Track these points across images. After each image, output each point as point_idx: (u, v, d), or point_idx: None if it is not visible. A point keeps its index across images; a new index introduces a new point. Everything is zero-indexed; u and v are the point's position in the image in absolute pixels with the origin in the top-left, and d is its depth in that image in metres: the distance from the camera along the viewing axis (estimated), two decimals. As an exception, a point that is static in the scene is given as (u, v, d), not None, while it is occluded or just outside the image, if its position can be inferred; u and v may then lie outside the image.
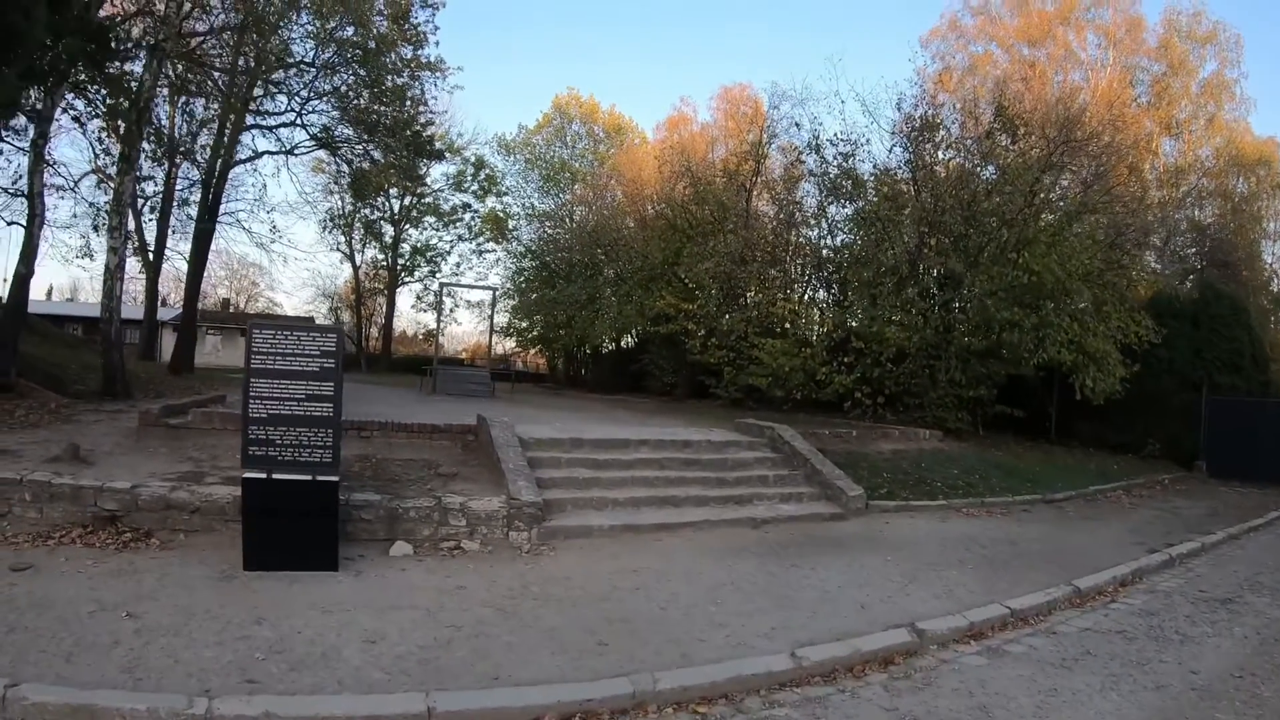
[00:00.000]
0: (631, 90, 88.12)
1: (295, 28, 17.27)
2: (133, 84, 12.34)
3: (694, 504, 9.08)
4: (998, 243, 16.06)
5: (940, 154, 18.12)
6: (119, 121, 12.45)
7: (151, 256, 23.05)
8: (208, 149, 20.07)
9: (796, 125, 20.61)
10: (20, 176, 14.24)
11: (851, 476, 10.58)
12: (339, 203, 38.53)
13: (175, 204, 22.14)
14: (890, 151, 18.90)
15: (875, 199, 18.16)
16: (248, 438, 6.15)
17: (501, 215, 41.22)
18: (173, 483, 7.18)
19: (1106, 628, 6.25)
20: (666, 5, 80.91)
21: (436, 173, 38.49)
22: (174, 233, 23.05)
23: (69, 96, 12.27)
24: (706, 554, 7.55)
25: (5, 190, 14.88)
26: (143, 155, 14.74)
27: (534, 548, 7.32)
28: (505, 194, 41.67)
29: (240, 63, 15.97)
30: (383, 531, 7.10)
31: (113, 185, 13.53)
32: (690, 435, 11.35)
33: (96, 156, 13.79)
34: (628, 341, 31.14)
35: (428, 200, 41.25)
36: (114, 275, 12.87)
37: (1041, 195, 16.83)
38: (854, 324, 17.76)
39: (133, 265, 24.61)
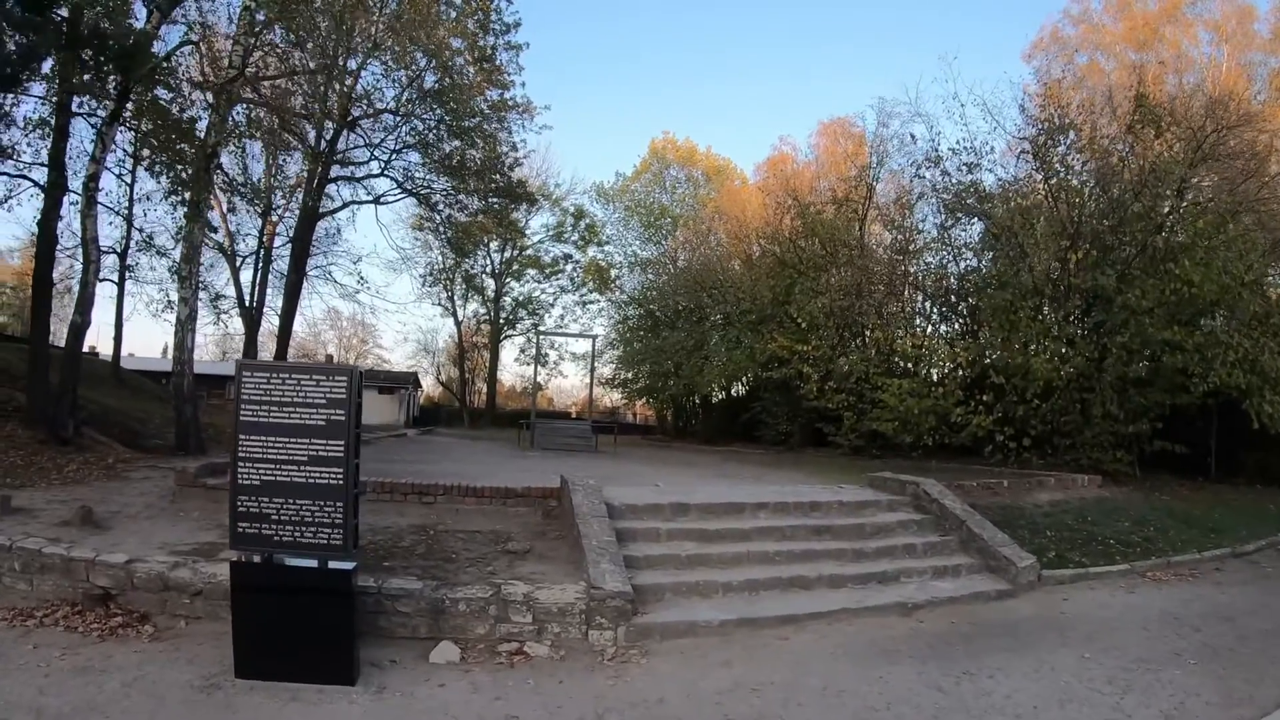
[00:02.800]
0: (729, 134, 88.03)
1: (374, 65, 16.85)
2: (198, 130, 11.80)
3: (827, 585, 7.17)
4: (1150, 251, 13.93)
5: (1073, 159, 16.03)
6: (188, 168, 11.80)
7: (250, 311, 22.95)
8: (294, 202, 19.82)
9: (912, 137, 19.24)
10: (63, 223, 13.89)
11: (1013, 538, 8.69)
12: (439, 258, 38.80)
13: (273, 258, 22.13)
14: (1018, 159, 17.10)
15: (1006, 212, 16.24)
16: (236, 510, 4.70)
17: (603, 265, 40.69)
18: (179, 558, 5.92)
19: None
20: (759, 46, 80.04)
21: (536, 224, 38.40)
22: (271, 287, 22.99)
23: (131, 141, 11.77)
24: (847, 657, 5.72)
25: (112, 251, 14.67)
26: (220, 205, 14.24)
27: (620, 652, 5.59)
28: (606, 243, 41.38)
29: (318, 108, 15.43)
30: (424, 628, 5.53)
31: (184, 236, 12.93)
32: (818, 495, 9.44)
33: (174, 207, 13.19)
34: (738, 389, 29.66)
35: (529, 253, 41.16)
36: (185, 327, 12.39)
37: (1191, 195, 14.80)
38: (991, 357, 15.66)
39: (226, 322, 24.80)
